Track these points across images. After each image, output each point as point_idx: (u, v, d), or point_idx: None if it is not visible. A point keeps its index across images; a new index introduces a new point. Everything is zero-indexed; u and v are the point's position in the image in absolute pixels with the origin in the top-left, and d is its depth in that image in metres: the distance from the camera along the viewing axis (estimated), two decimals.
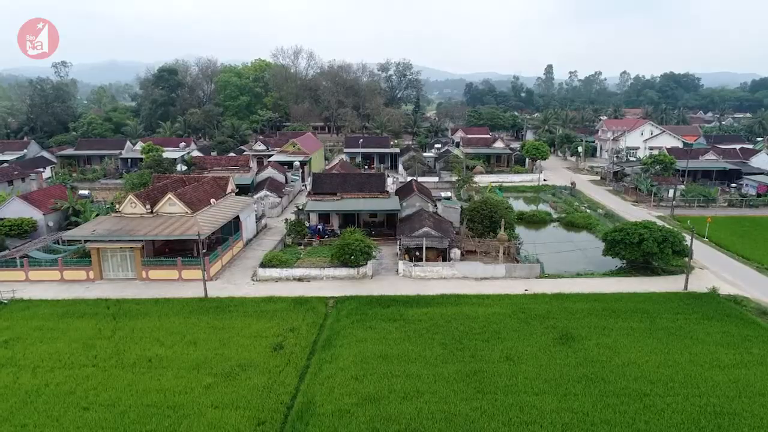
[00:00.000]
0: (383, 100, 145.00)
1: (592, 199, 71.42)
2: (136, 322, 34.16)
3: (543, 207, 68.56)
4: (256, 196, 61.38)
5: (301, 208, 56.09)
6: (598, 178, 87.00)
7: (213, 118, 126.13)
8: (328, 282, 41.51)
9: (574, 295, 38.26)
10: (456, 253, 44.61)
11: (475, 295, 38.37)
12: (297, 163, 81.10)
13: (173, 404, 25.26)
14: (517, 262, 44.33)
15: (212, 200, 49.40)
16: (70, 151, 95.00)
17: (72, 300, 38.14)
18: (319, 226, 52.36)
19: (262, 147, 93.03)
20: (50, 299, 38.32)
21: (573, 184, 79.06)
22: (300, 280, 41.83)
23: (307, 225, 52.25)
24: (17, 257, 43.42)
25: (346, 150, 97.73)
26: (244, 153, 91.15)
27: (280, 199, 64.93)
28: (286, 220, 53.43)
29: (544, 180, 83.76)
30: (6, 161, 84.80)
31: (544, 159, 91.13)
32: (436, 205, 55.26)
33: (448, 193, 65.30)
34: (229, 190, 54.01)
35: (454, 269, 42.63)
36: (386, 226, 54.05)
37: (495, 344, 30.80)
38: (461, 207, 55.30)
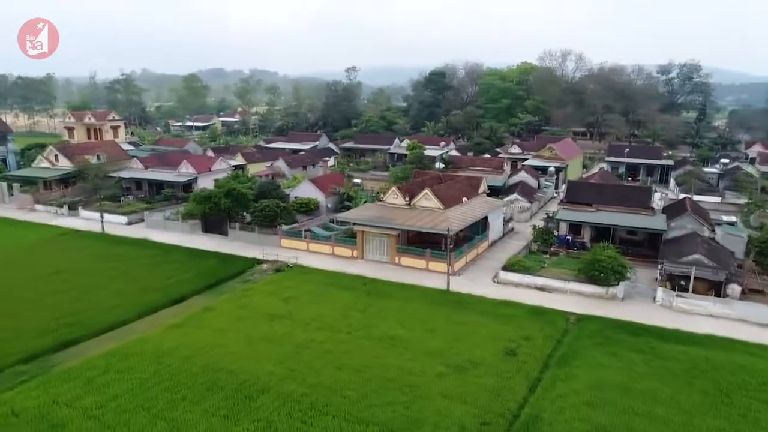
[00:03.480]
0: (659, 106, 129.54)
1: None
2: (384, 302, 37.72)
3: None
4: (506, 199, 61.52)
5: (551, 215, 54.21)
6: None
7: (473, 120, 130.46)
8: (571, 296, 39.29)
9: None
10: (735, 289, 37.47)
11: (755, 344, 31.77)
12: (552, 169, 78.45)
13: (409, 383, 27.20)
14: None
15: (464, 199, 51.25)
16: (350, 144, 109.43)
17: (337, 273, 44.05)
18: (569, 237, 49.78)
19: (518, 150, 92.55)
20: (321, 269, 44.94)
21: None
22: (541, 289, 40.53)
23: (556, 234, 50.21)
24: (302, 230, 52.08)
25: (607, 158, 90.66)
26: (499, 155, 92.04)
27: (530, 204, 63.81)
28: (534, 226, 52.27)
29: None
30: (303, 150, 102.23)
31: None
32: (713, 230, 47.27)
33: (733, 218, 55.15)
34: (480, 190, 55.30)
35: (729, 308, 35.95)
36: (646, 246, 48.44)
37: None
38: (748, 236, 46.18)
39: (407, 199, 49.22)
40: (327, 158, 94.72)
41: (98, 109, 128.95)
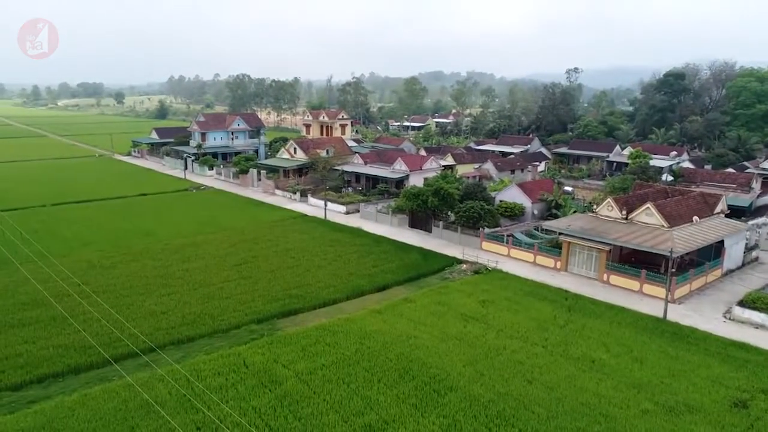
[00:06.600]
0: None
1: None
2: (587, 320, 35.12)
3: None
4: (750, 223, 52.06)
5: None
6: None
7: (715, 128, 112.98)
8: None
9: None
10: None
11: None
12: None
13: (605, 413, 24.94)
14: None
15: (694, 218, 44.86)
16: (563, 149, 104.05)
17: (537, 283, 42.38)
18: None
19: None
20: (521, 276, 43.73)
21: None
22: None
23: None
24: (505, 235, 51.30)
25: None
26: (747, 170, 78.12)
27: None
28: None
29: None
30: (513, 153, 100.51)
31: None
32: None
33: None
34: (717, 210, 47.77)
35: None
36: None
37: None
38: None
39: (624, 212, 44.97)
40: (537, 163, 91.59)
41: (331, 109, 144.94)
